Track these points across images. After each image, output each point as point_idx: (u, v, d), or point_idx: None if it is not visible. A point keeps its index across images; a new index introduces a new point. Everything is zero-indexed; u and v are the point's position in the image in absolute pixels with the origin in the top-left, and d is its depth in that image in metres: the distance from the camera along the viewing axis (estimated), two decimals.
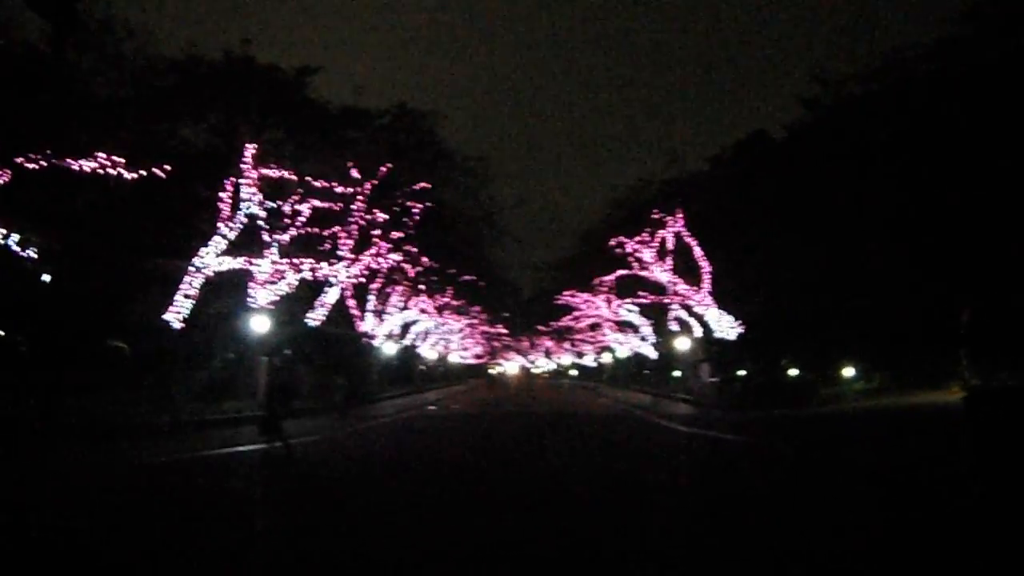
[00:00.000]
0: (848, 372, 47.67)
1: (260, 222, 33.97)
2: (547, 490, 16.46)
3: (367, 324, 56.08)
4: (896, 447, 22.78)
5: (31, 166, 24.06)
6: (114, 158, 24.78)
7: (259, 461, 21.82)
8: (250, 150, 31.96)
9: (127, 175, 25.61)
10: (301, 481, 18.35)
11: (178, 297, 30.41)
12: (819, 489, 16.17)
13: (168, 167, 27.30)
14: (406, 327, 71.59)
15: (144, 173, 26.46)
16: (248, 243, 33.80)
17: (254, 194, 32.35)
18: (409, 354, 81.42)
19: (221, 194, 32.01)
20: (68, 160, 24.58)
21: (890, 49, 41.17)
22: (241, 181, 31.82)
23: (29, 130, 26.91)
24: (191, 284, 30.59)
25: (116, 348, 37.86)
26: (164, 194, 33.15)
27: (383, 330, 59.54)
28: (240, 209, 31.89)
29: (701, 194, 50.71)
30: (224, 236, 31.39)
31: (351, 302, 53.09)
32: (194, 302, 31.22)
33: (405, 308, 62.91)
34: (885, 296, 41.31)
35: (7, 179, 23.59)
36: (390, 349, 64.82)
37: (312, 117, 39.68)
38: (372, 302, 55.85)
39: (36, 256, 27.86)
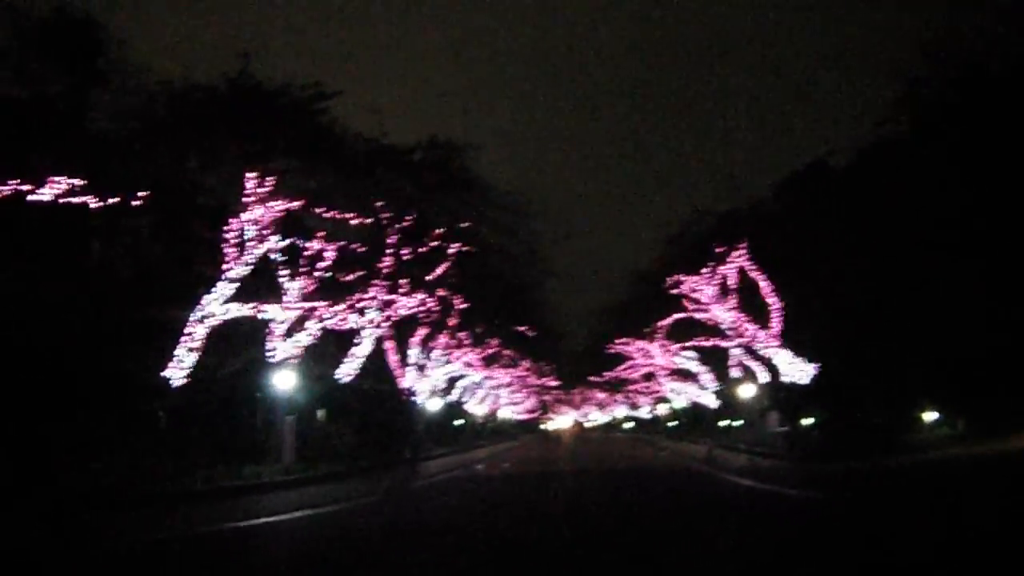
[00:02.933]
0: (929, 416, 43.72)
1: (277, 265, 30.59)
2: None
3: (408, 379, 52.68)
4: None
5: None
6: (74, 182, 21.46)
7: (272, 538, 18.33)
8: (251, 180, 28.45)
9: (92, 204, 22.23)
10: None
11: (179, 351, 26.86)
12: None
13: (143, 194, 23.87)
14: (452, 382, 68.13)
15: (116, 200, 23.11)
16: (262, 289, 30.40)
17: (265, 231, 28.89)
18: (455, 411, 78.06)
19: (225, 233, 28.48)
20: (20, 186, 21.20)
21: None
22: (246, 216, 28.27)
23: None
24: (193, 336, 27.05)
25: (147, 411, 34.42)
26: (157, 235, 30.11)
27: (425, 386, 56.07)
28: (245, 249, 28.33)
29: (765, 226, 46.69)
30: (230, 280, 27.84)
31: (392, 357, 49.88)
32: (198, 355, 27.70)
33: (448, 362, 59.32)
34: (969, 334, 37.43)
35: None
36: (434, 405, 61.33)
37: (329, 149, 36.02)
38: (413, 356, 52.47)
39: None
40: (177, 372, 26.70)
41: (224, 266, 28.08)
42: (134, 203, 24.69)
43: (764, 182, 53.86)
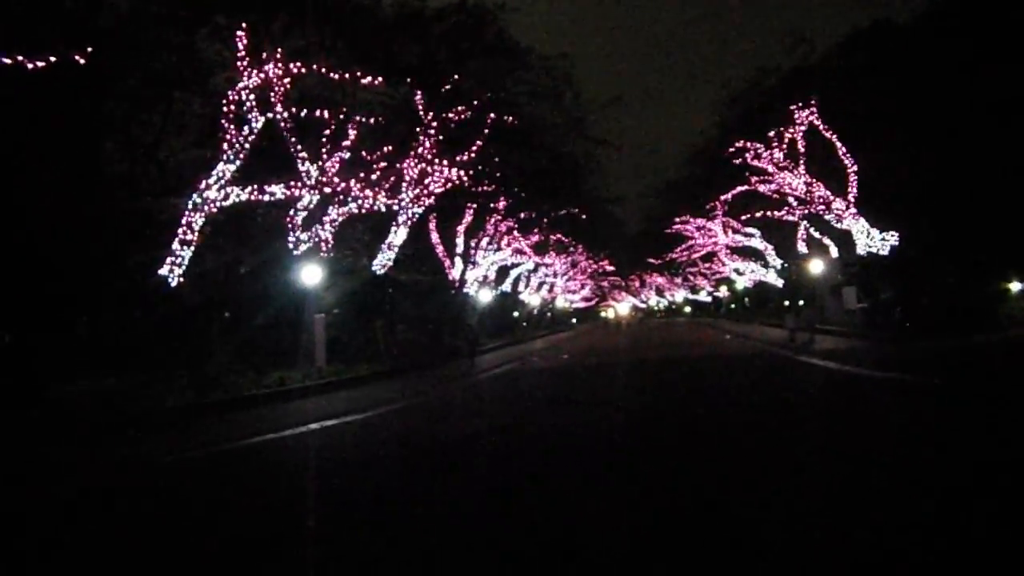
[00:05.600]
0: (1016, 287, 40.13)
1: (288, 142, 26.70)
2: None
3: (457, 270, 49.49)
4: None
5: None
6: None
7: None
8: (243, 40, 24.52)
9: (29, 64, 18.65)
10: None
11: (175, 245, 23.31)
12: None
13: (89, 50, 20.07)
14: (503, 271, 64.82)
15: (52, 60, 19.33)
16: (273, 171, 26.67)
17: (271, 101, 25.05)
18: (510, 301, 74.95)
19: (224, 107, 24.57)
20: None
21: None
22: (243, 85, 24.39)
23: None
24: (190, 227, 23.48)
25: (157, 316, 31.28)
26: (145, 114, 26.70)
27: (475, 276, 52.84)
28: (245, 123, 24.46)
29: (834, 84, 42.28)
30: (228, 160, 24.09)
31: (439, 247, 46.68)
32: (213, 252, 24.29)
33: (498, 249, 55.86)
34: None
35: None
36: (486, 296, 58.13)
37: (345, 11, 31.97)
38: (460, 244, 49.19)
39: None
40: (175, 269, 23.20)
41: (224, 145, 24.31)
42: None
43: (829, 41, 48.97)
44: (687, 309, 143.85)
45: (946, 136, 37.94)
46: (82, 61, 20.27)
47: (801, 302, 58.76)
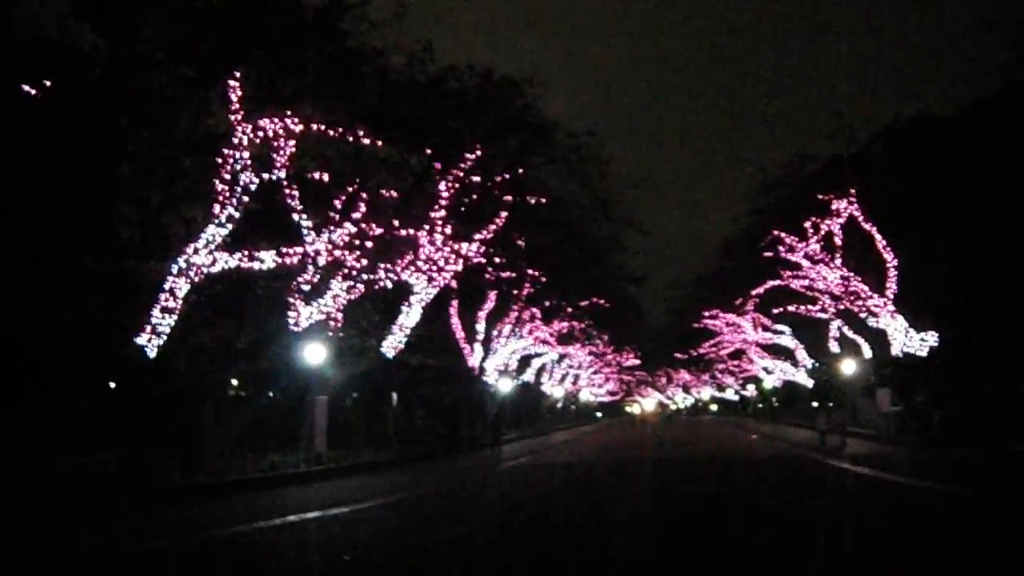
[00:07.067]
0: None
1: (288, 206, 24.79)
2: None
3: (476, 356, 47.61)
4: None
5: None
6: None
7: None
8: (234, 87, 22.79)
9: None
10: None
11: (155, 312, 21.40)
12: None
13: (47, 82, 18.54)
14: (525, 360, 62.88)
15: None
16: (273, 237, 24.92)
17: (274, 161, 23.28)
18: (532, 392, 72.95)
19: (221, 167, 22.73)
20: None
21: None
22: (237, 143, 22.56)
23: None
24: (173, 294, 21.61)
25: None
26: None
27: (495, 363, 50.93)
28: (238, 182, 22.57)
29: (872, 176, 40.52)
30: (219, 224, 22.24)
31: (458, 332, 45.00)
32: (184, 320, 22.33)
33: (520, 337, 53.94)
34: None
35: None
36: (506, 386, 56.14)
37: (357, 79, 30.34)
38: (481, 330, 47.37)
39: None
40: (154, 339, 21.30)
41: (215, 207, 22.51)
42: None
43: (869, 131, 47.17)
44: (713, 407, 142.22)
45: (989, 233, 36.35)
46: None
47: (831, 403, 56.64)
